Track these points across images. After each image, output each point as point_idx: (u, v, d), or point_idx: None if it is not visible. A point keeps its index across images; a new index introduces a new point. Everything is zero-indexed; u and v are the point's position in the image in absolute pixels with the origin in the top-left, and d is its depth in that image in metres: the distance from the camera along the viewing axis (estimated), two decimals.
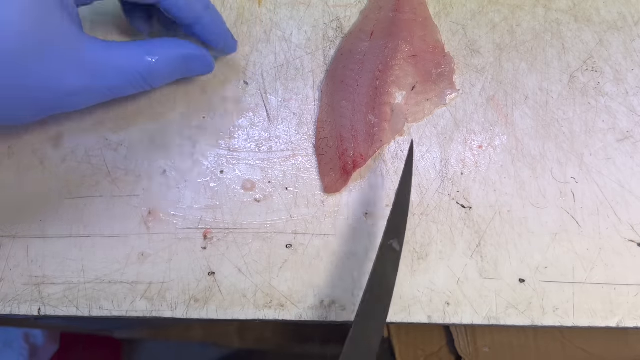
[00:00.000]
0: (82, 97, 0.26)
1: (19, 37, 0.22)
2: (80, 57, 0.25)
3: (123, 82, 0.27)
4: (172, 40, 0.29)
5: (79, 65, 0.25)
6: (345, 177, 0.31)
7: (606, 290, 0.31)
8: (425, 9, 0.34)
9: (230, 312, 0.30)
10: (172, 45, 0.28)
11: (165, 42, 0.28)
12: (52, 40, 0.24)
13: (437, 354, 0.49)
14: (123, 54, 0.27)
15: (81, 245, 0.31)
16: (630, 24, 0.35)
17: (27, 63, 0.23)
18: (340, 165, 0.31)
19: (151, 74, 0.28)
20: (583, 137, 0.33)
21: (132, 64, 0.27)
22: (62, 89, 0.25)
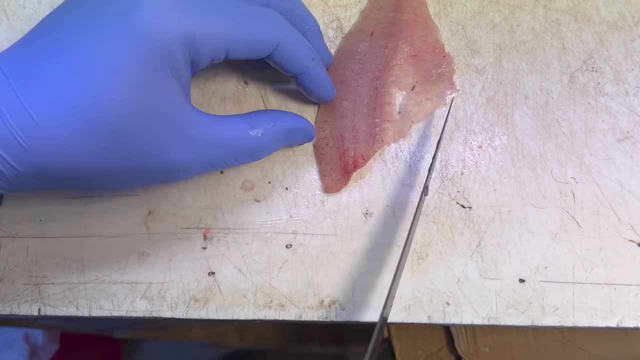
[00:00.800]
0: (184, 173, 0.26)
1: (129, 115, 0.22)
2: (188, 134, 0.25)
3: (227, 158, 0.27)
4: (276, 114, 0.29)
5: (186, 142, 0.25)
6: (345, 177, 0.31)
7: (606, 290, 0.31)
8: (425, 9, 0.34)
9: (230, 312, 0.30)
10: (277, 120, 0.28)
11: (270, 117, 0.28)
12: (162, 117, 0.23)
13: (437, 354, 0.49)
14: (230, 130, 0.26)
15: (81, 245, 0.31)
16: (630, 24, 0.35)
17: (134, 140, 0.23)
18: (340, 165, 0.31)
19: (256, 149, 0.27)
20: (583, 137, 0.33)
21: (238, 140, 0.27)
22: (166, 165, 0.25)
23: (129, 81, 0.22)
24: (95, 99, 0.21)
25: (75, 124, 0.21)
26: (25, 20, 0.34)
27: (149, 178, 0.26)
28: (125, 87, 0.22)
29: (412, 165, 0.32)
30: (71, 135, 0.22)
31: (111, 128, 0.22)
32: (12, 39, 0.33)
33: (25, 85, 0.21)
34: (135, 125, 0.23)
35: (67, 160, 0.22)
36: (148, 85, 0.22)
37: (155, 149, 0.24)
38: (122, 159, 0.23)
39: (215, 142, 0.26)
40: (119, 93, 0.22)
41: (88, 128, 0.22)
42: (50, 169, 0.22)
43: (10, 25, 0.34)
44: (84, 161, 0.23)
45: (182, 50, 0.23)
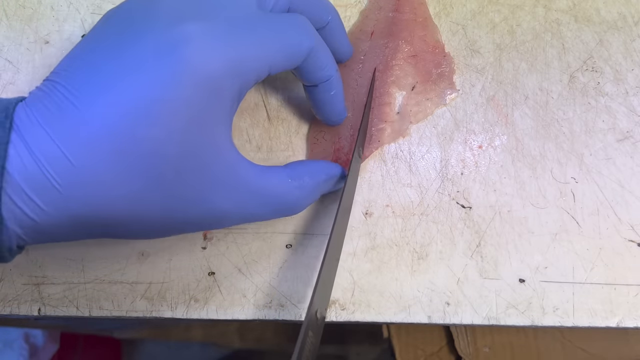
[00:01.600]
0: (224, 222, 0.25)
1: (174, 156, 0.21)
2: (232, 182, 0.23)
3: (269, 209, 0.26)
4: (313, 165, 0.28)
5: (230, 190, 0.23)
6: None
7: (606, 290, 0.31)
8: (425, 9, 0.34)
9: (230, 312, 0.30)
10: (317, 172, 0.27)
11: (308, 168, 0.27)
12: (208, 161, 0.22)
13: (437, 354, 0.49)
14: (273, 180, 0.25)
15: (81, 245, 0.31)
16: (630, 24, 0.35)
17: (177, 185, 0.22)
18: (332, 159, 0.31)
19: (298, 202, 0.27)
20: (583, 137, 0.33)
21: (281, 192, 0.26)
22: (207, 214, 0.23)
23: (176, 120, 0.20)
24: (138, 138, 0.20)
25: (114, 165, 0.20)
26: (25, 20, 0.34)
27: (188, 226, 0.24)
28: (170, 127, 0.20)
29: (412, 165, 0.32)
30: (109, 177, 0.20)
31: (153, 171, 0.21)
32: (12, 39, 0.33)
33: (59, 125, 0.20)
34: (179, 168, 0.21)
35: (104, 206, 0.21)
36: (194, 123, 0.21)
37: (198, 195, 0.22)
38: (162, 205, 0.22)
39: (259, 192, 0.25)
40: (164, 133, 0.20)
41: (128, 170, 0.20)
42: (86, 216, 0.21)
43: (10, 25, 0.34)
44: (122, 207, 0.21)
45: (229, 81, 0.22)
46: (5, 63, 0.33)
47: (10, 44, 0.33)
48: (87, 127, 0.20)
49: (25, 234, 0.21)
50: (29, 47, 0.33)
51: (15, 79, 0.33)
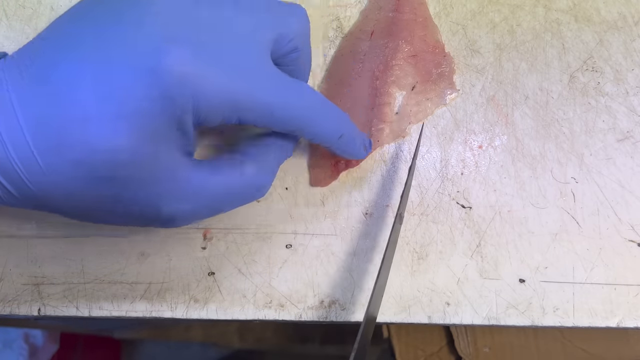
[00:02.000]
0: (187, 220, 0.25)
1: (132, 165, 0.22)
2: (184, 188, 0.24)
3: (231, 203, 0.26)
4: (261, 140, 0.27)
5: (181, 198, 0.24)
6: (334, 174, 0.31)
7: (606, 290, 0.31)
8: (425, 9, 0.34)
9: (230, 312, 0.30)
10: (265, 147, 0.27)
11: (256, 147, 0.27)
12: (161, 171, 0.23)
13: (437, 354, 0.49)
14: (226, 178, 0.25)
15: (81, 245, 0.31)
16: (630, 24, 0.35)
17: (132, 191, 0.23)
18: (332, 162, 0.31)
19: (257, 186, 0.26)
20: (583, 137, 0.33)
21: (238, 185, 0.26)
22: (165, 213, 0.24)
23: (138, 131, 0.21)
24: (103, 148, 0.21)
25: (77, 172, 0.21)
26: (25, 20, 0.34)
27: (145, 223, 0.26)
28: (133, 137, 0.21)
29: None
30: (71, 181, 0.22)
31: (113, 178, 0.22)
32: (12, 39, 0.33)
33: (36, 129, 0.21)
34: (137, 177, 0.22)
35: (64, 200, 0.22)
36: (150, 138, 0.22)
37: (149, 202, 0.23)
38: (118, 206, 0.23)
39: (212, 193, 0.25)
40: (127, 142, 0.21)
41: (90, 177, 0.21)
42: (47, 203, 0.23)
43: (10, 25, 0.34)
44: (81, 203, 0.23)
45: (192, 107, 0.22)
46: None
47: (10, 44, 0.33)
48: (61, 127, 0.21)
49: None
50: None
51: None
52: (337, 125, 0.27)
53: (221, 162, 0.26)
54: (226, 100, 0.22)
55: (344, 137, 0.27)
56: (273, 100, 0.24)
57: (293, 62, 0.27)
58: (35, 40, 0.22)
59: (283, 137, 0.28)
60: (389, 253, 0.28)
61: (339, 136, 0.27)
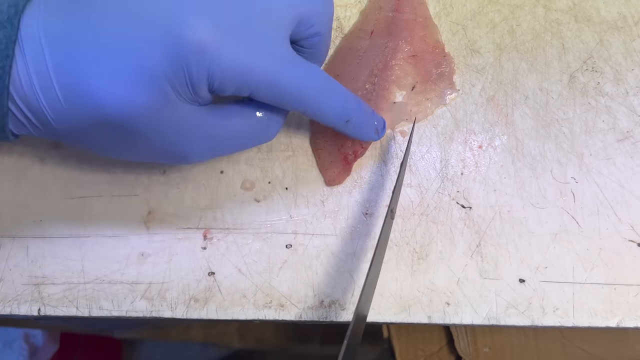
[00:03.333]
0: (198, 159, 0.27)
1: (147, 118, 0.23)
2: (197, 134, 0.25)
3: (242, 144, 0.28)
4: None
5: (196, 139, 0.26)
6: (347, 168, 0.31)
7: (606, 290, 0.31)
8: (425, 9, 0.34)
9: (230, 312, 0.30)
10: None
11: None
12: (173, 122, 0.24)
13: (437, 354, 0.49)
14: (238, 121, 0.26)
15: (81, 245, 0.31)
16: (630, 24, 0.35)
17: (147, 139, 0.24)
18: (340, 157, 0.31)
19: (266, 129, 0.27)
20: (583, 137, 0.33)
21: (248, 128, 0.27)
22: (178, 153, 0.26)
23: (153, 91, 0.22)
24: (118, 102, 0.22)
25: (94, 117, 0.23)
26: None
27: (159, 159, 0.27)
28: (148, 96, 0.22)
29: (412, 165, 0.32)
30: (89, 124, 0.23)
31: (127, 127, 0.23)
32: None
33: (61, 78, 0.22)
34: (148, 127, 0.24)
35: (82, 138, 0.24)
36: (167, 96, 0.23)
37: (163, 143, 0.25)
38: (130, 145, 0.25)
39: (224, 135, 0.26)
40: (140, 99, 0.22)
41: (106, 123, 0.23)
42: (67, 138, 0.25)
43: None
44: (97, 140, 0.25)
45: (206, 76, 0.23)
46: None
47: None
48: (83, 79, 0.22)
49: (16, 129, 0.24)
50: None
51: None
52: (345, 109, 0.28)
53: (233, 108, 0.27)
54: (239, 74, 0.23)
55: (352, 121, 0.28)
56: (284, 79, 0.25)
57: (313, 46, 0.28)
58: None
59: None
60: (380, 249, 0.28)
61: (346, 120, 0.28)
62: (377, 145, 0.33)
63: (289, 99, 0.25)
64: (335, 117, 0.28)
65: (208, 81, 0.23)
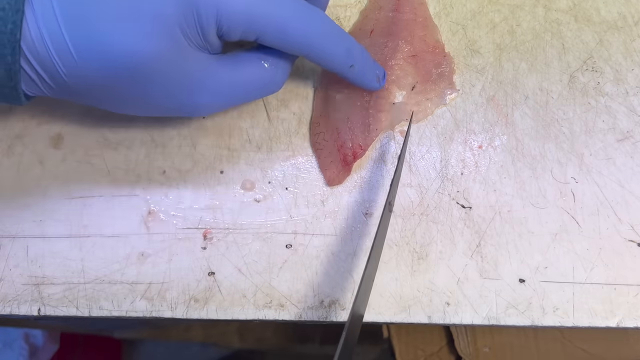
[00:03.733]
0: (209, 109, 0.28)
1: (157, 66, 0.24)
2: (208, 82, 0.26)
3: (250, 95, 0.28)
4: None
5: (207, 88, 0.26)
6: (347, 168, 0.31)
7: (606, 290, 0.31)
8: (425, 9, 0.34)
9: (230, 312, 0.30)
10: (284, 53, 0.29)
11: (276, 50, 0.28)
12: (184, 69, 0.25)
13: (437, 354, 0.49)
14: (247, 70, 0.27)
15: (81, 245, 0.31)
16: (630, 24, 0.35)
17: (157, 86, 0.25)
18: (340, 157, 0.31)
19: (274, 79, 0.28)
20: (583, 137, 0.33)
21: (258, 77, 0.28)
22: (190, 103, 0.27)
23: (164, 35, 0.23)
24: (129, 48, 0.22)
25: (106, 67, 0.23)
26: None
27: (170, 112, 0.28)
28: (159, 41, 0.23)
29: (412, 165, 0.32)
30: (101, 75, 0.23)
31: (138, 75, 0.24)
32: None
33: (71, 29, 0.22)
34: (160, 75, 0.24)
35: (95, 90, 0.25)
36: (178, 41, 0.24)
37: (174, 93, 0.26)
38: (142, 96, 0.25)
39: (234, 83, 0.27)
40: (151, 44, 0.23)
41: (117, 73, 0.23)
42: (79, 94, 0.25)
43: None
44: (110, 95, 0.25)
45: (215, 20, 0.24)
46: None
47: None
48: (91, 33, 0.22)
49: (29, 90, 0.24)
50: None
51: None
52: (349, 54, 0.28)
53: (241, 57, 0.28)
54: (246, 17, 0.24)
55: (356, 67, 0.29)
56: (289, 23, 0.25)
57: None
58: None
59: None
60: (377, 243, 0.28)
61: (349, 65, 0.29)
62: (377, 145, 0.33)
63: (294, 43, 0.26)
64: (339, 62, 0.28)
65: (217, 25, 0.24)
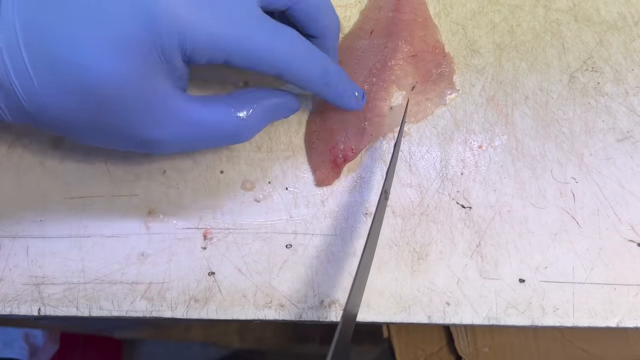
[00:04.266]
0: (162, 148, 0.26)
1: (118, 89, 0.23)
2: (169, 115, 0.25)
3: (210, 140, 0.27)
4: (259, 92, 0.28)
5: (166, 122, 0.25)
6: (336, 170, 0.31)
7: (606, 290, 0.31)
8: (425, 9, 0.34)
9: (230, 312, 0.30)
10: (261, 98, 0.28)
11: (253, 96, 0.28)
12: (147, 96, 0.24)
13: (437, 354, 0.49)
14: (213, 113, 0.26)
15: (81, 245, 0.31)
16: (630, 24, 0.35)
17: (117, 112, 0.24)
18: (330, 158, 0.31)
19: (241, 132, 0.27)
20: (583, 137, 0.33)
21: (222, 123, 0.26)
22: (150, 138, 0.25)
23: (126, 57, 0.22)
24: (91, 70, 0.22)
25: (67, 92, 0.23)
26: None
27: (131, 146, 0.26)
28: (120, 63, 0.22)
29: (412, 165, 0.32)
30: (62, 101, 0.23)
31: (101, 100, 0.23)
32: None
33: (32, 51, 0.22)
34: (119, 99, 0.23)
35: (56, 117, 0.24)
36: (140, 64, 0.23)
37: (133, 123, 0.25)
38: (103, 125, 0.24)
39: (197, 124, 0.26)
40: (113, 65, 0.22)
41: (79, 98, 0.23)
42: (40, 121, 0.24)
43: None
44: (71, 123, 0.24)
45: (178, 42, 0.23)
46: None
47: None
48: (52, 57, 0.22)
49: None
50: None
51: None
52: (325, 73, 0.28)
53: (213, 99, 0.27)
54: (210, 39, 0.24)
55: (332, 85, 0.28)
56: (255, 41, 0.25)
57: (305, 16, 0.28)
58: None
59: (280, 96, 0.29)
60: (374, 230, 0.28)
61: (324, 83, 0.28)
62: (377, 145, 0.33)
63: (263, 62, 0.25)
64: (314, 81, 0.27)
65: (180, 47, 0.23)
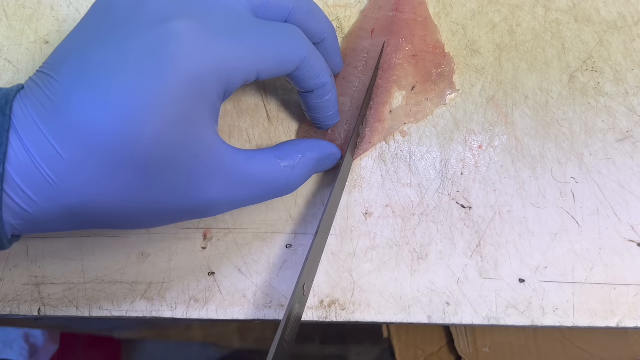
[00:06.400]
0: (216, 210, 0.25)
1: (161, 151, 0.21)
2: (220, 172, 0.24)
3: (261, 194, 0.26)
4: (303, 143, 0.28)
5: (218, 180, 0.24)
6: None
7: (606, 290, 0.31)
8: (425, 9, 0.35)
9: (230, 312, 0.30)
10: (306, 150, 0.27)
11: (298, 147, 0.27)
12: (194, 154, 0.22)
13: (437, 354, 0.49)
14: (261, 165, 0.25)
15: (81, 245, 0.31)
16: (630, 24, 0.35)
17: (165, 177, 0.22)
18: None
19: (289, 183, 0.27)
20: (583, 137, 0.33)
21: (271, 176, 0.26)
22: (198, 203, 0.24)
23: (163, 116, 0.21)
24: (126, 135, 0.20)
25: (104, 160, 0.21)
26: (25, 21, 0.34)
27: (181, 215, 0.25)
28: (158, 123, 0.21)
29: (412, 165, 0.32)
30: (100, 171, 0.21)
31: (142, 165, 0.21)
32: (12, 39, 0.33)
33: (52, 121, 0.20)
34: (167, 162, 0.22)
35: (96, 198, 0.21)
36: (181, 120, 0.21)
37: (186, 186, 0.23)
38: (152, 197, 0.22)
39: (248, 178, 0.25)
40: (152, 129, 0.21)
41: (117, 164, 0.21)
42: (79, 208, 0.22)
43: (10, 25, 0.34)
44: (114, 199, 0.22)
45: (216, 81, 0.22)
46: (6, 63, 0.33)
47: (10, 44, 0.33)
48: (78, 126, 0.20)
49: (19, 224, 0.22)
50: (28, 47, 0.33)
51: (15, 79, 0.33)
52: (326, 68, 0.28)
53: (254, 152, 0.26)
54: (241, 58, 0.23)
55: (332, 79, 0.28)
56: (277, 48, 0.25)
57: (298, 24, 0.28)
58: (46, 68, 0.22)
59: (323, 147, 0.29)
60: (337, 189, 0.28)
61: (330, 76, 0.28)
62: (378, 145, 0.33)
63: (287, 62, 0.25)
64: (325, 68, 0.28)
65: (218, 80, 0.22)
